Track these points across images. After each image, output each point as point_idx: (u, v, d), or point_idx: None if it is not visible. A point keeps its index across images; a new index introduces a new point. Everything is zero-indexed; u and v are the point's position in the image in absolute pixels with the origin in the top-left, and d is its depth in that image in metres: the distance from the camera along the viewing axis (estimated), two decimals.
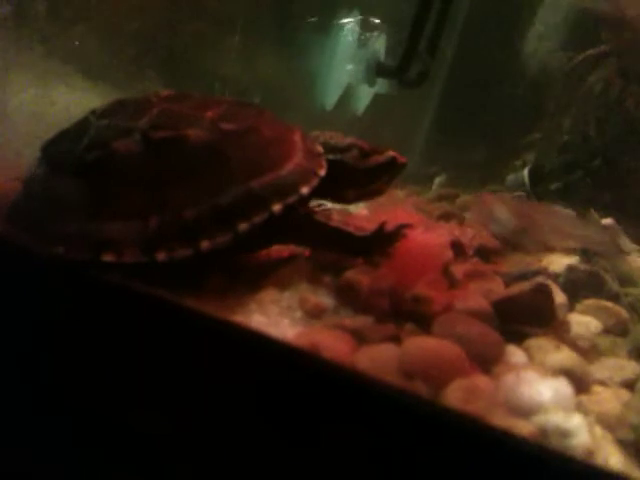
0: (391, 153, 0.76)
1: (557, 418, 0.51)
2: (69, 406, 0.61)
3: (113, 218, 0.63)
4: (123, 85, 0.95)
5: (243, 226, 0.64)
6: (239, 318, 0.61)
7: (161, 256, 0.61)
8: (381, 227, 0.70)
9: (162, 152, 0.65)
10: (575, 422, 0.50)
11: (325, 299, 0.66)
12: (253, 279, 0.68)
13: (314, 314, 0.64)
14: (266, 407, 0.53)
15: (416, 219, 0.83)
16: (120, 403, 0.59)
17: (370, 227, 0.72)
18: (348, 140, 0.76)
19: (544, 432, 0.50)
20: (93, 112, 0.71)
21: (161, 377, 0.57)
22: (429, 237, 0.74)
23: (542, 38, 1.76)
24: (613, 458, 0.51)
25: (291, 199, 0.66)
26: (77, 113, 0.72)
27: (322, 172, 0.70)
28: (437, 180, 1.73)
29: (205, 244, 0.62)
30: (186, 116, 0.68)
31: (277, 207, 0.65)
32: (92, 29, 0.96)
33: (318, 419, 0.51)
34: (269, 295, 0.65)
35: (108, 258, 0.61)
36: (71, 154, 0.67)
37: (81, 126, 0.70)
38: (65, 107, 0.83)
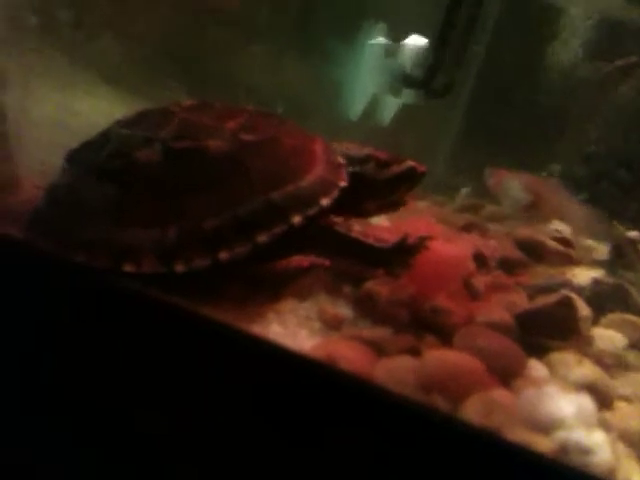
0: (410, 163, 0.75)
1: (578, 434, 0.50)
2: (73, 407, 0.61)
3: (133, 227, 0.63)
4: (146, 94, 0.96)
5: (262, 237, 0.63)
6: (257, 328, 0.61)
7: (179, 267, 0.61)
8: (403, 239, 0.70)
9: (182, 162, 0.65)
10: (597, 439, 0.49)
11: (344, 310, 0.65)
12: (272, 289, 0.68)
13: (332, 325, 0.64)
14: (282, 418, 0.53)
15: (438, 230, 0.82)
16: (136, 408, 0.59)
17: (391, 238, 0.71)
18: (365, 151, 0.75)
19: (564, 448, 0.49)
20: (117, 122, 0.71)
21: (179, 384, 0.57)
22: (450, 248, 0.74)
23: (569, 49, 1.74)
24: (635, 476, 0.50)
25: (311, 211, 0.66)
26: (100, 122, 0.72)
27: (342, 183, 0.70)
28: (462, 191, 1.71)
29: (224, 255, 0.62)
30: (207, 127, 0.68)
31: (297, 219, 0.65)
32: (115, 38, 0.97)
33: (332, 430, 0.51)
34: (288, 305, 0.65)
35: (128, 268, 0.61)
36: (94, 163, 0.68)
37: (105, 136, 0.71)
38: (88, 116, 0.84)
